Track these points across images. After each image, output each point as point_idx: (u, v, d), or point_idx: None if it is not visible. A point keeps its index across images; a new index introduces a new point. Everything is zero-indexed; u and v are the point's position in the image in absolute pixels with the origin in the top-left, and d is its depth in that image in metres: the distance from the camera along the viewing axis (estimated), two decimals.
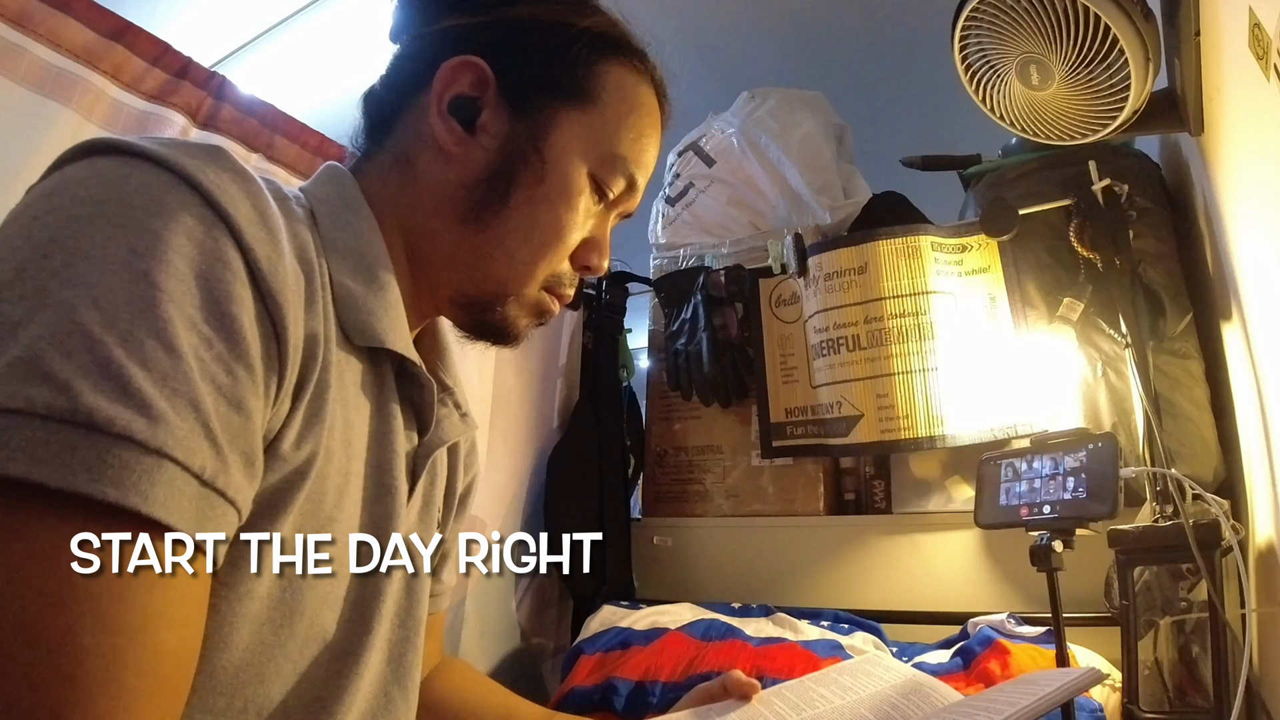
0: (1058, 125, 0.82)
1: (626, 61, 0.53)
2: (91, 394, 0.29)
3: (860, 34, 1.80)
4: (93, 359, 0.29)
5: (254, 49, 1.83)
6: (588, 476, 1.32)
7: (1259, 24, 0.51)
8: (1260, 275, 0.67)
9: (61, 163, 0.36)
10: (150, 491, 0.29)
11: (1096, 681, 0.51)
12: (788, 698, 0.61)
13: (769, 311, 1.29)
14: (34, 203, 0.34)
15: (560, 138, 0.50)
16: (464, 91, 0.50)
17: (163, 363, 0.31)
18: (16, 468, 0.27)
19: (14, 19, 0.73)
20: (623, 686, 0.93)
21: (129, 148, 0.35)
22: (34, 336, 0.29)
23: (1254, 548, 0.77)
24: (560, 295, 0.54)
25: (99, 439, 0.28)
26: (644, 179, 0.55)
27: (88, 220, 0.32)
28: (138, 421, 0.29)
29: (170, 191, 0.34)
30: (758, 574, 1.22)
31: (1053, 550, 0.74)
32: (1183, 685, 0.74)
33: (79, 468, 0.28)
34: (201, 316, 0.33)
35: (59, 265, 0.31)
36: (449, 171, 0.50)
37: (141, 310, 0.31)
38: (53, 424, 0.28)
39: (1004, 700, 0.50)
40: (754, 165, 1.40)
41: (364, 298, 0.45)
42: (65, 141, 0.77)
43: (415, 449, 0.51)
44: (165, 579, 0.30)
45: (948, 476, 1.14)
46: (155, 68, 0.86)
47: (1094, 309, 0.97)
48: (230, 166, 0.37)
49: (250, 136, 0.97)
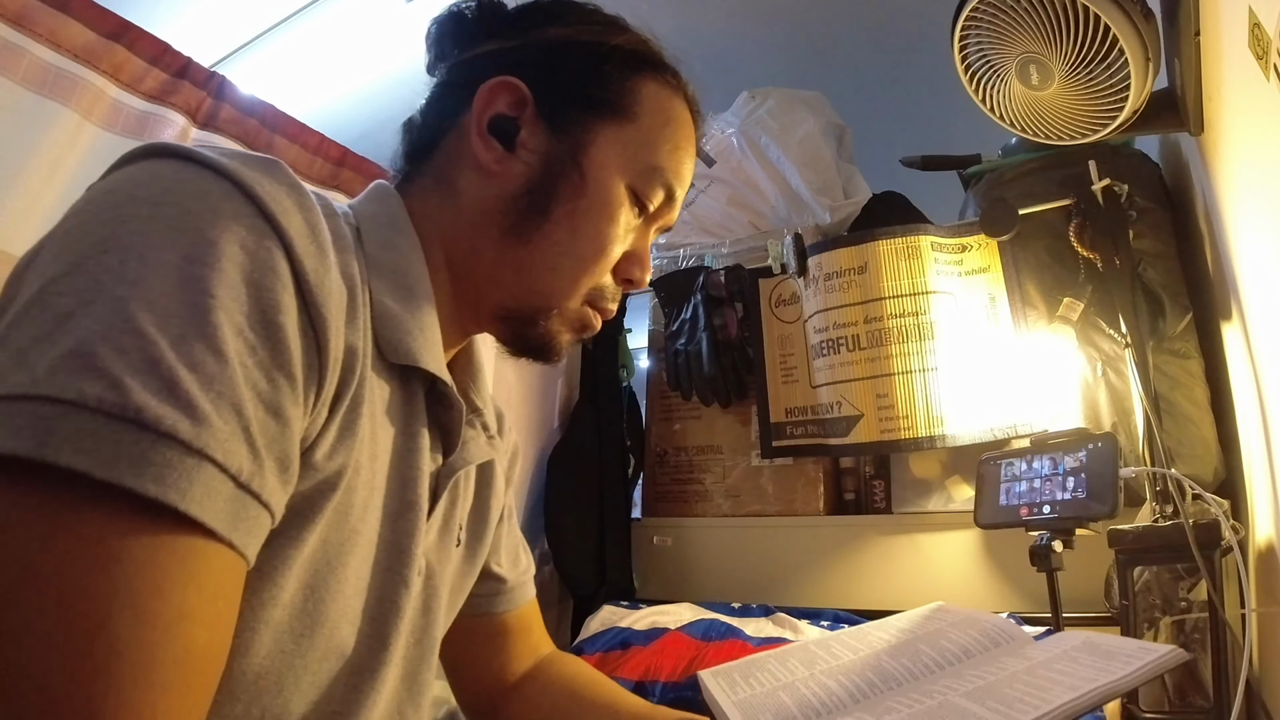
0: (1058, 125, 0.82)
1: (660, 77, 0.54)
2: (141, 392, 0.29)
3: (860, 34, 1.80)
4: (143, 358, 0.30)
5: (254, 49, 1.83)
6: (588, 476, 1.32)
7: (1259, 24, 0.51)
8: (1260, 275, 0.67)
9: (122, 163, 0.37)
10: (189, 490, 0.30)
11: (1180, 661, 0.49)
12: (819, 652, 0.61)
13: (769, 311, 1.29)
14: (94, 199, 0.35)
15: (599, 152, 0.51)
16: (503, 111, 0.51)
17: (210, 366, 0.31)
18: (63, 456, 0.27)
19: (14, 19, 0.73)
20: (623, 686, 0.93)
21: (190, 154, 0.36)
22: (88, 331, 0.29)
23: (1254, 548, 0.77)
24: (603, 309, 0.55)
25: (144, 435, 0.29)
26: (682, 191, 0.56)
27: (145, 220, 0.33)
28: (183, 422, 0.30)
29: (227, 200, 0.35)
30: (758, 574, 1.22)
31: (1053, 550, 0.74)
32: (1183, 685, 0.74)
33: (124, 462, 0.28)
34: (248, 324, 0.34)
35: (115, 262, 0.31)
36: (490, 188, 0.51)
37: (193, 315, 0.31)
38: (101, 417, 0.28)
39: (1076, 670, 0.48)
40: (754, 165, 1.40)
41: (402, 317, 0.45)
42: (65, 141, 0.78)
43: (438, 469, 0.51)
44: (199, 577, 0.30)
45: (948, 476, 1.14)
46: (155, 68, 0.86)
47: (1094, 309, 0.97)
48: (286, 180, 0.38)
49: (250, 136, 0.97)
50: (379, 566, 0.45)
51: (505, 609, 0.66)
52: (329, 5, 1.71)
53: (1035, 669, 0.52)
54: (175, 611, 0.29)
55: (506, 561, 0.66)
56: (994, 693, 0.49)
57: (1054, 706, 0.44)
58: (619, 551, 1.30)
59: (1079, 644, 0.56)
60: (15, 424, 0.28)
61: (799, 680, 0.58)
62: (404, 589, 0.46)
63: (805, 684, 0.57)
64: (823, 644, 0.64)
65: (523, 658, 0.67)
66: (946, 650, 0.58)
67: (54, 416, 0.28)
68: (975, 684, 0.52)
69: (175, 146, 0.37)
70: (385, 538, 0.45)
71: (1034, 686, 0.48)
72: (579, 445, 1.34)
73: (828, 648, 0.63)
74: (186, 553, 0.30)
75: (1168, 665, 0.49)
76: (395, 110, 0.56)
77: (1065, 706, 0.44)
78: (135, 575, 0.28)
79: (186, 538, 0.30)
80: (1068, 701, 0.44)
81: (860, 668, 0.58)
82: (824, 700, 0.54)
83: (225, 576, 0.32)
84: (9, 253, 0.74)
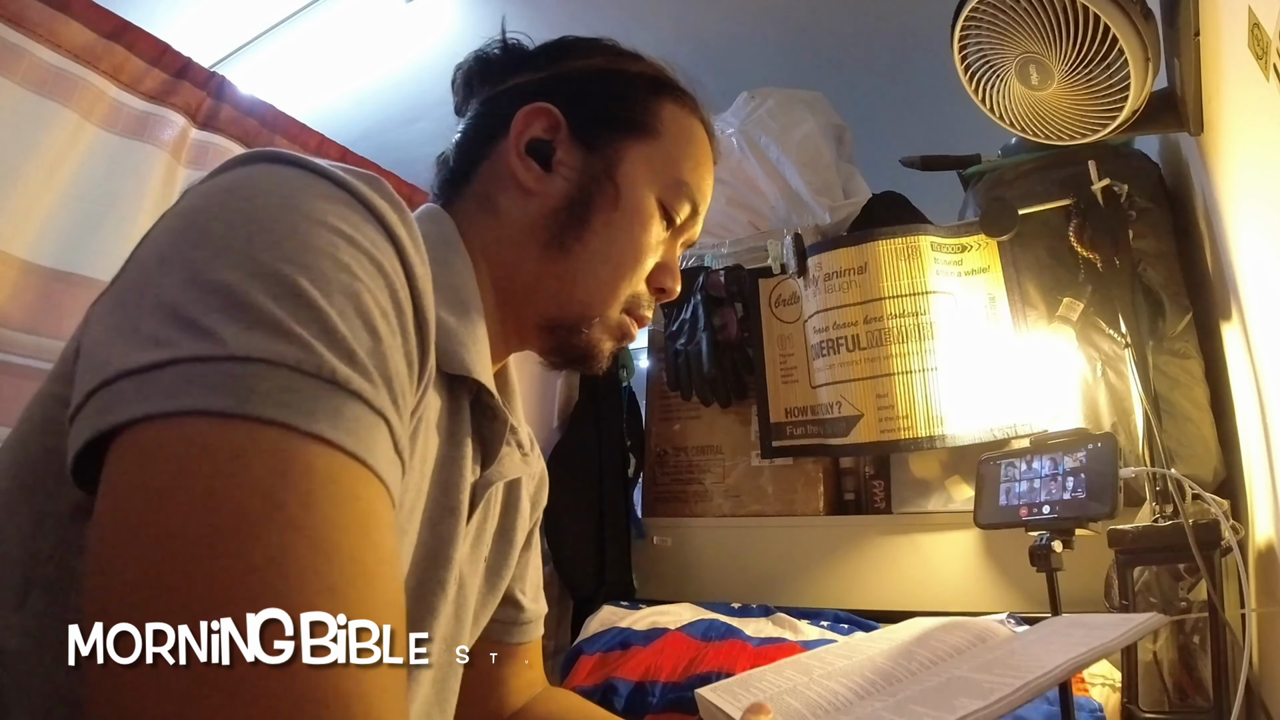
0: (1057, 125, 0.82)
1: (679, 100, 0.59)
2: (329, 354, 0.30)
3: (860, 34, 1.80)
4: (320, 327, 0.31)
5: (254, 49, 1.83)
6: (587, 477, 1.32)
7: (1259, 24, 0.51)
8: (1260, 275, 0.67)
9: (229, 166, 0.37)
10: (373, 446, 0.31)
11: (1161, 624, 0.54)
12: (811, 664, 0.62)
13: (769, 311, 1.29)
14: (213, 194, 0.35)
15: (630, 167, 0.55)
16: (539, 135, 0.54)
17: (368, 341, 0.33)
18: (266, 410, 0.28)
19: (14, 19, 0.73)
20: (623, 687, 0.93)
21: (305, 162, 0.37)
22: (266, 300, 0.30)
23: (1254, 548, 0.77)
24: (639, 317, 0.58)
25: (337, 392, 0.30)
26: (704, 205, 0.60)
27: (282, 209, 0.34)
28: (365, 385, 0.31)
29: (352, 207, 0.36)
30: (758, 574, 1.22)
31: (1052, 550, 0.74)
32: (1183, 685, 0.74)
33: (321, 415, 0.29)
34: (388, 312, 0.35)
35: (268, 242, 0.32)
36: (530, 206, 0.54)
37: (350, 295, 0.33)
38: (299, 375, 0.29)
39: (1069, 640, 0.52)
40: (754, 165, 1.40)
41: (457, 330, 0.47)
42: (65, 141, 0.78)
43: (476, 480, 0.52)
44: (384, 524, 0.31)
45: (948, 476, 1.14)
46: (155, 68, 0.86)
47: (1094, 309, 0.97)
48: (390, 197, 0.39)
49: (250, 136, 0.97)
50: (417, 568, 0.46)
51: (518, 640, 0.67)
52: (329, 5, 1.71)
53: (1030, 645, 0.56)
54: (389, 550, 0.31)
55: (530, 591, 0.68)
56: (999, 664, 0.52)
57: (1056, 664, 0.47)
58: (619, 551, 1.30)
59: (1067, 622, 0.60)
60: (210, 383, 0.28)
61: (800, 685, 0.58)
62: (441, 593, 0.46)
63: (808, 688, 0.58)
64: (814, 655, 0.65)
65: (521, 691, 0.68)
66: (938, 650, 0.60)
67: (252, 374, 0.29)
68: (979, 660, 0.54)
69: (285, 153, 0.37)
70: (424, 540, 0.46)
71: (1033, 657, 0.51)
72: (579, 445, 1.34)
73: (820, 658, 0.63)
74: (384, 501, 0.32)
75: (1151, 628, 0.53)
76: (395, 110, 0.57)
77: (1067, 664, 0.48)
78: (367, 513, 0.30)
79: (380, 486, 0.31)
80: (1068, 661, 0.48)
81: (859, 669, 0.59)
82: (830, 701, 0.55)
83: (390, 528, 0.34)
84: (9, 253, 0.74)
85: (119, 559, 0.26)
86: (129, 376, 0.29)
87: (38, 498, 0.34)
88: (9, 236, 0.73)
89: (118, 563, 0.26)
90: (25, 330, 0.74)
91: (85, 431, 0.29)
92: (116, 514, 0.27)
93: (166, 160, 0.88)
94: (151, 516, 0.26)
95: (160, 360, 0.28)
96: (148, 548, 0.26)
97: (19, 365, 0.74)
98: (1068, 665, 0.48)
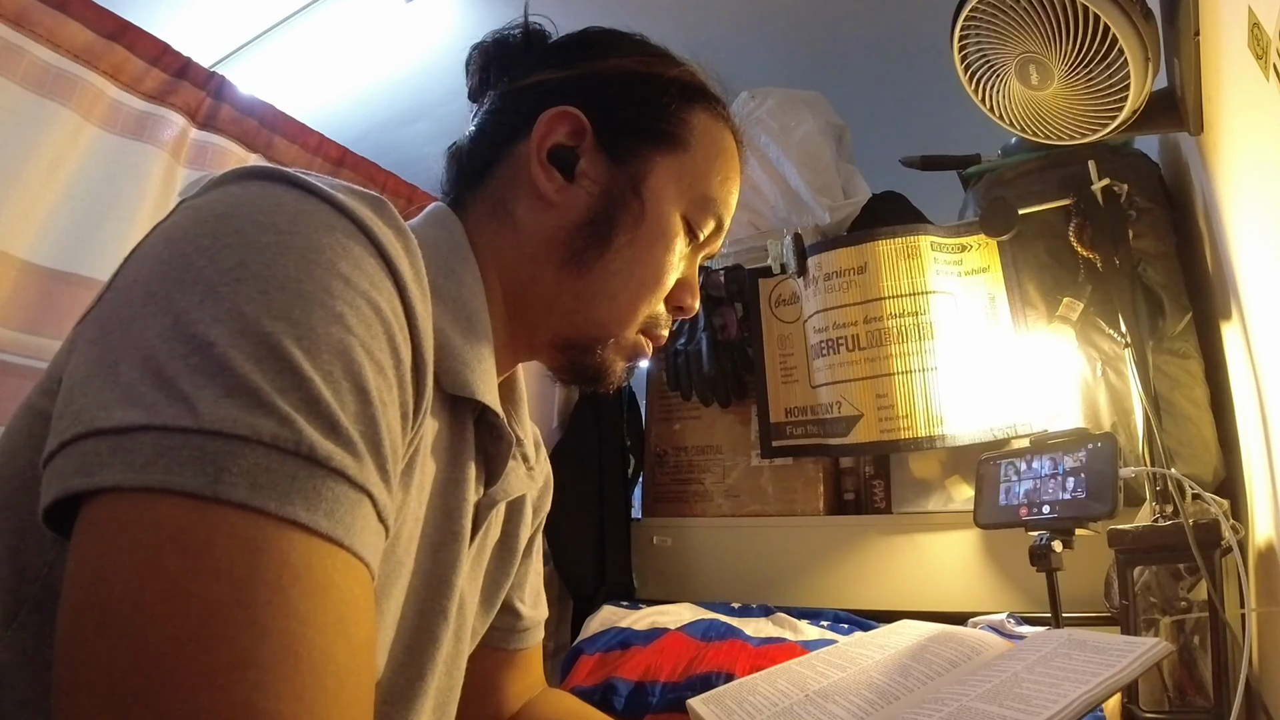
0: (1057, 125, 0.82)
1: (710, 108, 0.55)
2: (309, 428, 0.29)
3: (860, 34, 1.80)
4: (302, 396, 0.30)
5: (254, 49, 1.83)
6: (587, 477, 1.32)
7: (1259, 24, 0.51)
8: (1260, 275, 0.67)
9: (224, 182, 0.35)
10: (352, 525, 0.30)
11: (1167, 654, 0.51)
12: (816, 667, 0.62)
13: (768, 311, 1.29)
14: (205, 221, 0.33)
15: (656, 182, 0.52)
16: (562, 141, 0.51)
17: (354, 405, 0.31)
18: (237, 493, 0.27)
19: (13, 19, 0.73)
20: (623, 686, 0.93)
21: (304, 183, 0.35)
22: (249, 368, 0.29)
23: (1254, 548, 0.77)
24: (655, 337, 0.56)
25: (316, 471, 0.29)
26: (729, 220, 0.57)
27: (277, 250, 0.32)
28: (348, 459, 0.30)
29: (353, 239, 0.34)
30: (758, 574, 1.22)
31: (1052, 550, 0.74)
32: (1183, 685, 0.74)
33: (297, 497, 0.28)
34: (382, 364, 0.34)
35: (255, 292, 0.30)
36: (550, 218, 0.51)
37: (340, 352, 0.31)
38: (275, 453, 0.28)
39: (1073, 665, 0.50)
40: (753, 165, 1.40)
41: (462, 349, 0.45)
42: (64, 141, 0.78)
43: (479, 500, 0.50)
44: (359, 610, 0.30)
45: (948, 476, 1.14)
46: (154, 68, 0.86)
47: (1094, 309, 0.97)
48: (394, 223, 0.37)
49: (249, 136, 0.97)
50: (416, 596, 0.44)
51: (517, 647, 0.65)
52: (329, 5, 1.71)
53: (1035, 667, 0.53)
54: (364, 639, 0.30)
55: (529, 599, 0.66)
56: (1006, 693, 0.50)
57: (1072, 699, 0.46)
58: (618, 551, 1.30)
59: (1064, 640, 0.58)
60: (181, 458, 0.27)
61: (796, 704, 0.58)
62: (443, 621, 0.45)
63: (803, 707, 0.57)
64: (806, 663, 0.64)
65: (519, 695, 0.67)
66: (933, 664, 0.59)
67: (226, 452, 0.27)
68: (984, 687, 0.52)
69: (284, 172, 0.35)
70: (424, 567, 0.45)
71: (1043, 684, 0.50)
72: (578, 445, 1.34)
73: (812, 667, 0.63)
74: (363, 583, 0.31)
75: (1159, 656, 0.51)
76: (395, 110, 0.56)
77: (1081, 698, 0.46)
78: (342, 603, 0.29)
79: (359, 568, 0.30)
80: (1081, 694, 0.46)
81: (855, 686, 0.58)
82: None
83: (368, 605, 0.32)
84: (8, 253, 0.74)
85: (88, 666, 0.26)
86: (104, 436, 0.28)
87: (21, 512, 0.34)
88: (9, 236, 0.73)
89: (86, 671, 0.26)
90: (25, 330, 0.74)
91: (57, 487, 0.28)
92: (87, 607, 0.27)
93: (166, 160, 0.87)
94: (119, 612, 0.26)
95: (135, 424, 0.28)
96: (116, 654, 0.25)
97: (19, 365, 0.74)
98: (1080, 704, 0.46)
